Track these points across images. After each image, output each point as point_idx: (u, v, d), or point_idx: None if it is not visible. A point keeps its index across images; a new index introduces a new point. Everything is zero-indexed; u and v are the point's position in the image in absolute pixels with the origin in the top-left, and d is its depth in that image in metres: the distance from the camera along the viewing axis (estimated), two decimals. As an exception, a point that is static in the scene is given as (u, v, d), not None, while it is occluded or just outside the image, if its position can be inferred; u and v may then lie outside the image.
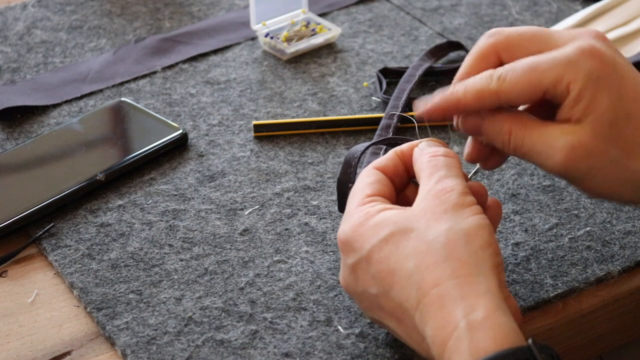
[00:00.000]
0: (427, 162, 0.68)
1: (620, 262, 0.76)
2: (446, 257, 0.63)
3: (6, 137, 0.89)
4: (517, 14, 1.04)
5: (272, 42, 0.98)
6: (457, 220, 0.64)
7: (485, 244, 0.64)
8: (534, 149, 0.68)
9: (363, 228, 0.66)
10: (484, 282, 0.62)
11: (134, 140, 0.88)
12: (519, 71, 0.68)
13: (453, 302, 0.61)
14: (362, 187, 0.69)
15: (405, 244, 0.64)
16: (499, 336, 0.60)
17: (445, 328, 0.61)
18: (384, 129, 0.87)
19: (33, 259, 0.78)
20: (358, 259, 0.66)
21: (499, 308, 0.61)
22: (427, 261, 0.63)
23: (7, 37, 1.02)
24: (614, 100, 0.67)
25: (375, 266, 0.65)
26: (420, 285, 0.63)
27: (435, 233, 0.64)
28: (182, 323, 0.72)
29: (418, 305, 0.63)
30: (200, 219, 0.80)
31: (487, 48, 0.70)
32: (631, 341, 0.78)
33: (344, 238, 0.67)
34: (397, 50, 0.99)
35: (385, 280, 0.65)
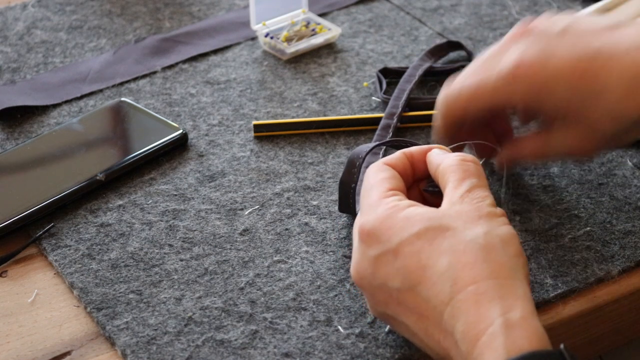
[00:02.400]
0: (458, 165, 0.69)
1: (620, 262, 0.76)
2: (485, 258, 0.63)
3: (6, 137, 0.89)
4: (517, 14, 1.04)
5: (272, 42, 0.98)
6: (493, 226, 0.65)
7: (519, 252, 0.65)
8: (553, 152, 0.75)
9: (391, 220, 0.66)
10: (521, 287, 0.63)
11: (134, 140, 0.88)
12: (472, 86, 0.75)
13: (490, 301, 0.62)
14: (380, 181, 0.69)
15: (441, 241, 0.64)
16: (534, 337, 0.61)
17: (479, 324, 0.61)
18: (384, 128, 0.87)
19: (33, 259, 0.78)
20: (383, 250, 0.66)
21: (534, 313, 0.62)
22: (464, 259, 0.63)
23: (7, 37, 1.02)
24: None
25: (403, 260, 0.65)
26: (456, 282, 0.63)
27: (473, 234, 0.64)
28: (182, 323, 0.72)
29: (450, 301, 0.63)
30: (200, 219, 0.80)
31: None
32: (631, 341, 0.78)
33: (369, 229, 0.67)
34: (397, 50, 0.99)
35: (413, 275, 0.64)
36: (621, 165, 0.84)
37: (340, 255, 0.76)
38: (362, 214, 0.68)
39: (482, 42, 0.99)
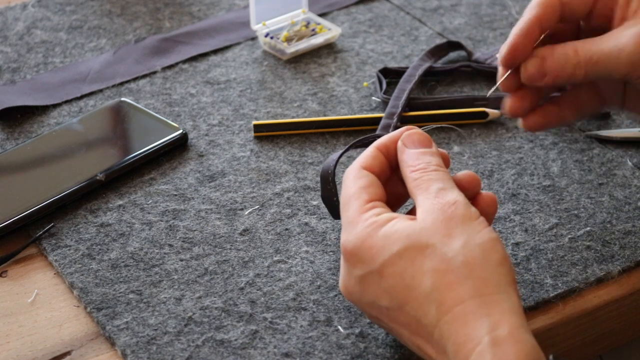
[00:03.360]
0: (420, 179, 0.68)
1: (620, 262, 0.76)
2: (467, 276, 0.62)
3: (6, 137, 0.89)
4: (517, 14, 1.03)
5: (272, 42, 0.98)
6: (470, 235, 0.64)
7: (502, 259, 0.64)
8: (603, 53, 0.68)
9: (372, 240, 0.65)
10: (507, 300, 0.62)
11: (134, 140, 0.88)
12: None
13: (477, 320, 0.61)
14: (357, 192, 0.68)
15: (422, 260, 0.63)
16: (521, 352, 0.60)
17: (468, 344, 0.61)
18: (384, 128, 0.87)
19: (33, 259, 0.78)
20: (368, 271, 0.65)
21: (522, 326, 0.62)
22: (446, 280, 0.63)
23: (7, 37, 1.02)
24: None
25: (388, 280, 0.64)
26: (441, 303, 0.62)
27: (453, 250, 0.63)
28: (182, 323, 0.72)
29: (438, 323, 0.62)
30: (200, 219, 0.80)
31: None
32: (631, 341, 0.78)
33: (351, 249, 0.66)
34: (397, 50, 0.99)
35: (400, 295, 0.64)
36: (621, 165, 0.84)
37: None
38: (343, 231, 0.68)
39: (482, 42, 0.99)
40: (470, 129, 0.88)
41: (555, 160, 0.85)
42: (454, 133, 0.88)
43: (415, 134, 0.70)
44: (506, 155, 0.85)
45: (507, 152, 0.86)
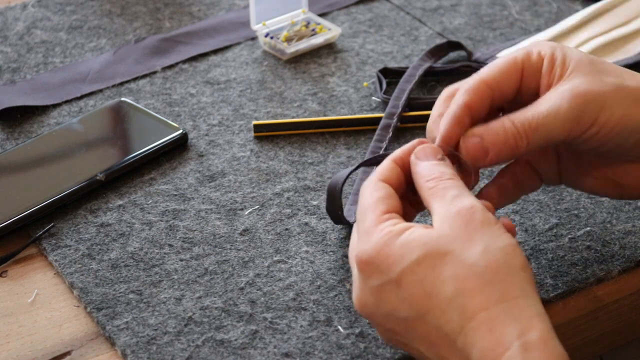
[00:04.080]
0: (435, 187, 0.66)
1: (620, 262, 0.76)
2: (490, 281, 0.61)
3: (6, 137, 0.89)
4: (517, 14, 1.04)
5: (272, 42, 0.98)
6: (491, 240, 0.63)
7: (524, 264, 0.63)
8: (541, 117, 0.68)
9: (389, 249, 0.64)
10: (534, 305, 0.61)
11: (134, 140, 0.88)
12: (493, 62, 0.71)
13: (505, 325, 0.60)
14: (374, 203, 0.67)
15: (442, 267, 0.62)
16: (552, 358, 0.60)
17: (496, 349, 0.60)
18: (384, 128, 0.87)
19: (33, 259, 0.78)
20: (385, 281, 0.64)
21: (552, 332, 0.61)
22: (469, 286, 0.61)
23: (7, 37, 1.02)
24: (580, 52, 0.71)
25: (407, 290, 0.63)
26: (464, 310, 0.61)
27: (474, 256, 0.62)
28: (182, 323, 0.72)
29: (462, 330, 0.61)
30: (200, 219, 0.80)
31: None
32: (631, 341, 0.78)
33: (367, 258, 0.64)
34: (397, 50, 0.99)
35: (420, 304, 0.62)
36: (621, 165, 0.84)
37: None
38: (359, 241, 0.66)
39: (482, 42, 0.99)
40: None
41: (555, 160, 0.85)
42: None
43: (428, 147, 0.69)
44: (506, 155, 0.85)
45: (507, 152, 0.86)
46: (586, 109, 0.68)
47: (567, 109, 0.67)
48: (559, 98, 0.68)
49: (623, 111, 0.68)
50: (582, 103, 0.68)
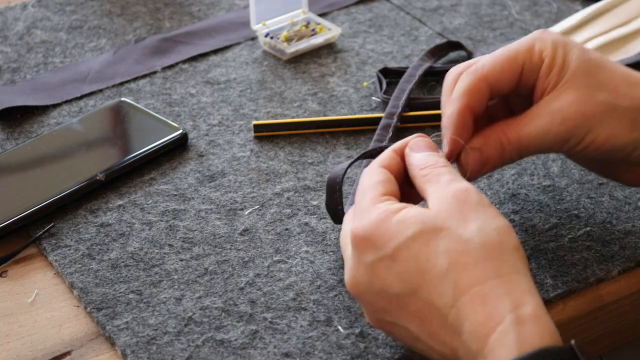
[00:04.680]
0: (429, 174, 0.68)
1: (620, 262, 0.76)
2: (485, 257, 0.62)
3: (6, 137, 0.89)
4: (517, 14, 1.04)
5: (272, 42, 0.98)
6: (486, 220, 0.64)
7: (517, 245, 0.64)
8: (532, 135, 0.72)
9: (385, 225, 0.65)
10: (526, 281, 0.63)
11: (134, 140, 0.88)
12: (495, 54, 0.73)
13: (498, 299, 0.61)
14: (373, 185, 0.68)
15: (436, 242, 0.63)
16: (545, 333, 0.60)
17: (489, 322, 0.61)
18: (384, 128, 0.87)
19: (33, 259, 0.78)
20: (380, 256, 0.65)
21: (543, 308, 0.62)
22: (463, 260, 0.63)
23: (7, 37, 1.02)
24: (582, 54, 0.72)
25: (401, 264, 0.64)
26: (457, 284, 0.62)
27: (469, 232, 0.63)
28: (182, 323, 0.72)
29: (455, 303, 0.62)
30: (200, 219, 0.80)
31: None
32: (631, 341, 0.78)
33: (363, 234, 0.66)
34: (397, 50, 0.99)
35: (414, 279, 0.64)
36: (621, 165, 0.84)
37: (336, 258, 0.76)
38: (354, 219, 0.67)
39: (482, 42, 0.99)
40: (470, 129, 0.88)
41: (555, 160, 0.85)
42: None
43: (421, 140, 0.71)
44: (506, 155, 0.85)
45: (507, 152, 0.86)
46: (574, 132, 0.71)
47: (555, 134, 0.71)
48: (549, 120, 0.71)
49: (610, 132, 0.71)
50: (570, 127, 0.71)
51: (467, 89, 0.72)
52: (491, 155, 0.72)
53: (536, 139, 0.72)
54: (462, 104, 0.72)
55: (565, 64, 0.72)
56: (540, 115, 0.72)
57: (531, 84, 0.73)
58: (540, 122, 0.71)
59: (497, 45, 0.98)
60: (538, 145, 0.72)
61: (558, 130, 0.71)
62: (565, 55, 0.72)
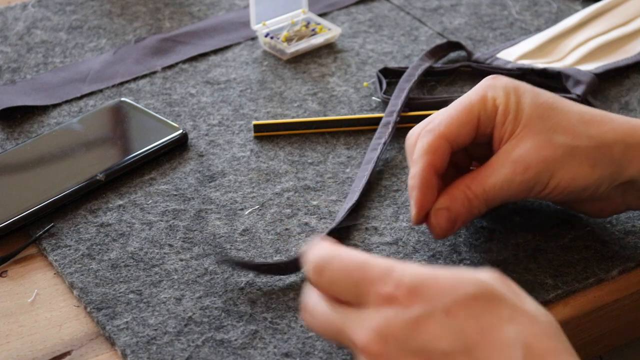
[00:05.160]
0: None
1: (620, 262, 0.76)
2: (555, 333, 0.58)
3: (6, 137, 0.89)
4: (517, 14, 1.04)
5: (272, 42, 0.98)
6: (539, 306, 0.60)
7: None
8: (497, 187, 0.72)
9: (438, 278, 0.59)
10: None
11: (134, 140, 0.88)
12: (450, 109, 0.74)
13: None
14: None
15: (499, 307, 0.58)
16: None
17: None
18: (385, 126, 0.87)
19: (33, 259, 0.78)
20: (431, 309, 0.57)
21: None
22: (534, 330, 0.57)
23: (7, 37, 1.02)
24: (534, 98, 0.73)
25: (457, 320, 0.57)
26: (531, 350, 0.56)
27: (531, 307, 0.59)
28: (182, 323, 0.72)
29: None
30: (200, 219, 0.80)
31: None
32: (631, 341, 0.78)
33: (410, 284, 0.58)
34: (397, 50, 0.99)
35: (471, 338, 0.57)
36: (621, 165, 0.84)
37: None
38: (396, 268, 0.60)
39: (482, 42, 0.99)
40: (470, 129, 0.88)
41: (555, 160, 0.85)
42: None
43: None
44: (506, 155, 0.85)
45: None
46: (537, 178, 0.72)
47: (520, 182, 0.72)
48: (511, 170, 0.72)
49: (572, 174, 0.72)
50: (533, 174, 0.72)
51: (427, 148, 0.73)
52: (459, 212, 0.73)
53: (501, 190, 0.72)
54: (424, 163, 0.73)
55: (519, 110, 0.73)
56: (502, 166, 0.72)
57: (489, 132, 0.74)
58: (503, 172, 0.72)
59: (497, 45, 0.98)
60: (503, 196, 0.73)
61: (522, 178, 0.72)
62: (517, 101, 0.73)
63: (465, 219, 0.73)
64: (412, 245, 0.77)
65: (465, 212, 0.73)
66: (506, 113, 0.73)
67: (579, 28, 0.99)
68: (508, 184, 0.72)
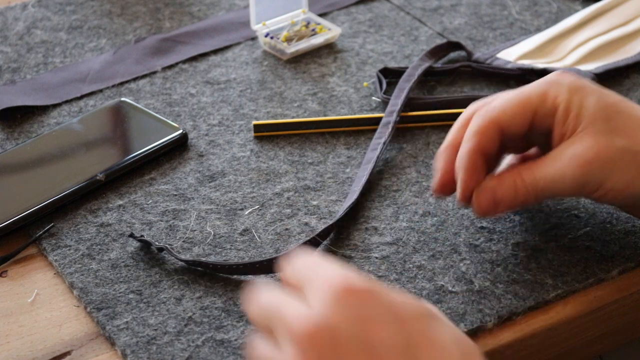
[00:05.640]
0: None
1: (620, 262, 0.76)
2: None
3: (6, 137, 0.89)
4: (517, 14, 1.04)
5: (272, 42, 0.98)
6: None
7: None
8: (548, 178, 0.72)
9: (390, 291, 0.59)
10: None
11: (134, 140, 0.88)
12: (509, 97, 0.74)
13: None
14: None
15: (438, 325, 0.58)
16: None
17: None
18: (385, 126, 0.87)
19: (33, 259, 0.78)
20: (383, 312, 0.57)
21: None
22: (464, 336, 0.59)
23: (7, 37, 1.02)
24: (600, 100, 0.72)
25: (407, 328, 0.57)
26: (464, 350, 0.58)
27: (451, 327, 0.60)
28: (182, 323, 0.72)
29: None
30: (200, 219, 0.80)
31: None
32: (631, 341, 0.78)
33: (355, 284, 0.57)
34: (397, 50, 0.99)
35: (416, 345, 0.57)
36: (621, 165, 0.84)
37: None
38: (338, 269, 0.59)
39: (482, 42, 0.99)
40: (470, 129, 0.88)
41: (555, 160, 0.85)
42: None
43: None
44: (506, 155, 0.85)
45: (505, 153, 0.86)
46: (591, 177, 0.71)
47: (572, 177, 0.71)
48: (566, 164, 0.71)
49: (630, 178, 0.71)
50: (587, 172, 0.71)
51: (478, 130, 0.73)
52: (504, 195, 0.73)
53: (552, 182, 0.72)
54: (473, 144, 0.73)
55: (582, 109, 0.72)
56: (557, 159, 0.72)
57: (546, 127, 0.73)
58: (557, 166, 0.72)
59: (497, 45, 0.98)
60: (554, 189, 0.72)
61: (574, 174, 0.71)
62: (581, 100, 0.72)
63: (510, 204, 0.73)
64: (412, 245, 0.77)
65: (510, 197, 0.73)
66: (568, 111, 0.72)
67: (579, 28, 0.99)
68: (560, 178, 0.72)
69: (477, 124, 0.74)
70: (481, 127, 0.73)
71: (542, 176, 0.72)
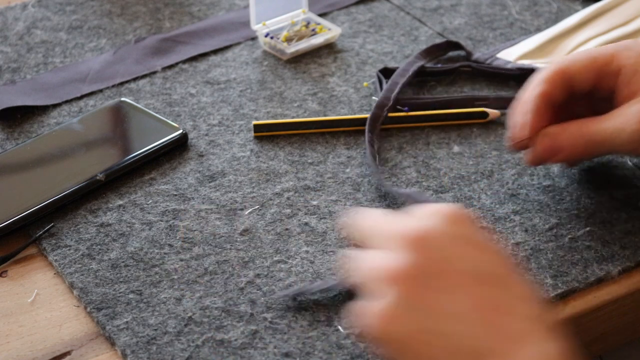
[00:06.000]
0: None
1: (620, 262, 0.76)
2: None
3: (6, 137, 0.89)
4: (517, 14, 1.04)
5: (272, 42, 0.98)
6: None
7: None
8: (607, 132, 0.74)
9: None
10: None
11: (134, 140, 0.88)
12: (577, 53, 0.79)
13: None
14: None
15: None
16: None
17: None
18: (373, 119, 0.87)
19: (33, 259, 0.78)
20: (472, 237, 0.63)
21: None
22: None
23: (7, 37, 1.02)
24: None
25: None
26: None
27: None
28: (182, 323, 0.72)
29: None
30: (200, 219, 0.80)
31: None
32: (631, 341, 0.78)
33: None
34: (397, 50, 0.99)
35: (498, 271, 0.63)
36: (621, 165, 0.84)
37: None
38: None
39: (482, 42, 0.99)
40: (470, 129, 0.88)
41: (555, 160, 0.85)
42: (454, 133, 0.88)
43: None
44: (506, 155, 0.85)
45: (507, 152, 0.86)
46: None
47: (630, 132, 0.74)
48: (625, 119, 0.74)
49: None
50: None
51: (546, 77, 0.77)
52: (563, 144, 0.76)
53: (611, 136, 0.74)
54: (540, 89, 0.76)
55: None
56: (617, 115, 0.75)
57: (609, 88, 0.76)
58: (617, 121, 0.74)
59: (497, 45, 0.98)
60: (612, 143, 0.75)
61: (632, 129, 0.74)
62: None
63: (569, 154, 0.76)
64: (412, 245, 0.77)
65: (569, 146, 0.76)
66: (633, 73, 0.75)
67: (579, 28, 0.99)
68: (618, 132, 0.74)
69: (545, 72, 0.77)
70: (549, 75, 0.76)
71: (601, 130, 0.75)
